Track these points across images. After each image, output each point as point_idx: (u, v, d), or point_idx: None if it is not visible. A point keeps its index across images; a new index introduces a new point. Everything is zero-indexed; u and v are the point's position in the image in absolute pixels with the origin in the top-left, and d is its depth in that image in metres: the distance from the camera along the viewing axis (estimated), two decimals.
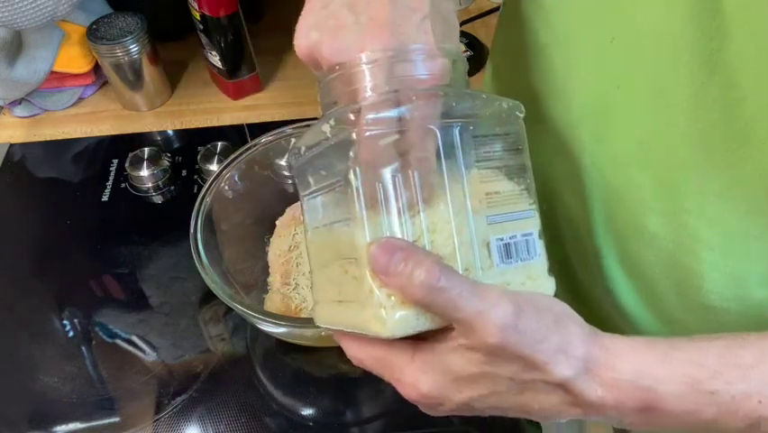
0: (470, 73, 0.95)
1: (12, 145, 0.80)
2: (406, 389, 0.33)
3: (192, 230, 0.54)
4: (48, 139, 0.81)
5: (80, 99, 0.86)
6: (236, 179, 0.60)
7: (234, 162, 0.60)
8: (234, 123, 0.82)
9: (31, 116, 0.84)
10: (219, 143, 0.75)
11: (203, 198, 0.57)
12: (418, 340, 0.33)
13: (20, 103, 0.83)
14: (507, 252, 0.33)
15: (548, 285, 0.35)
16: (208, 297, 0.63)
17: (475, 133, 0.33)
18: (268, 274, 0.62)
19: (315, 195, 0.35)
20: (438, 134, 0.32)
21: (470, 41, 0.88)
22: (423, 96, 0.31)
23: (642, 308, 0.45)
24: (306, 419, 0.57)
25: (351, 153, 0.31)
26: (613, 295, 0.46)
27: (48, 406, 0.58)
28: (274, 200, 0.64)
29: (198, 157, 0.74)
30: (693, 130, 0.35)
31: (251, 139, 0.64)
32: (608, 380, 0.31)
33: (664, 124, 0.37)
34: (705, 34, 0.32)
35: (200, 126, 0.82)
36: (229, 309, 0.61)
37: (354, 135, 0.31)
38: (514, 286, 0.33)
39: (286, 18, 1.01)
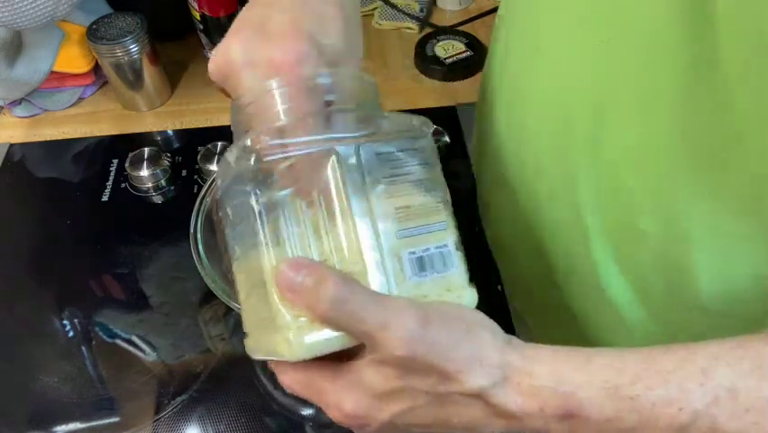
0: (470, 73, 0.94)
1: (12, 145, 0.80)
2: (332, 411, 0.33)
3: (192, 230, 0.54)
4: (48, 139, 0.81)
5: (80, 99, 0.86)
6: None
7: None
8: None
9: (31, 116, 0.84)
10: (219, 143, 0.75)
11: (203, 198, 0.57)
12: (340, 360, 0.32)
13: (20, 103, 0.83)
14: (421, 264, 0.33)
15: (469, 296, 0.35)
16: (208, 297, 0.63)
17: (379, 150, 0.34)
18: None
19: (233, 226, 0.36)
20: (339, 153, 0.32)
21: (470, 41, 0.88)
22: (315, 119, 0.33)
23: (636, 308, 0.45)
24: (306, 419, 0.57)
25: (251, 180, 0.31)
26: (607, 294, 0.46)
27: (48, 406, 0.58)
28: None
29: (198, 157, 0.74)
30: (684, 132, 0.35)
31: None
32: (526, 387, 0.31)
33: (655, 127, 0.37)
34: (695, 38, 0.32)
35: (200, 126, 0.82)
36: (229, 309, 0.61)
37: (252, 162, 0.31)
38: (431, 298, 0.33)
39: None
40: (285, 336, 0.31)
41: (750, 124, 0.32)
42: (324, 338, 0.31)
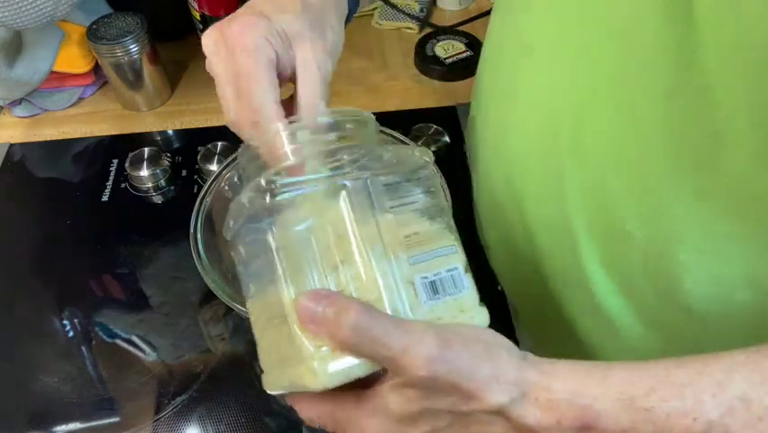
0: (470, 73, 0.94)
1: (12, 145, 0.80)
2: None
3: (192, 230, 0.54)
4: (48, 139, 0.81)
5: (80, 99, 0.86)
6: (236, 179, 0.60)
7: (234, 162, 0.60)
8: None
9: (31, 116, 0.84)
10: (219, 143, 0.75)
11: (203, 198, 0.57)
12: (362, 387, 0.33)
13: (20, 103, 0.83)
14: (434, 288, 0.34)
15: (481, 316, 0.36)
16: (208, 297, 0.63)
17: (386, 182, 0.35)
18: None
19: (247, 265, 0.37)
20: (350, 187, 0.34)
21: (470, 41, 0.89)
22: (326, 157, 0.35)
23: (624, 311, 0.45)
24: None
25: (267, 218, 0.33)
26: (595, 298, 0.46)
27: (48, 406, 0.58)
28: None
29: (198, 157, 0.74)
30: (668, 133, 0.35)
31: None
32: (544, 401, 0.31)
33: (639, 128, 0.37)
34: (676, 40, 0.32)
35: (200, 126, 0.82)
36: (229, 309, 0.61)
37: (267, 201, 0.33)
38: (445, 320, 0.34)
39: None
40: (309, 366, 0.32)
41: (731, 123, 0.32)
42: (347, 366, 0.32)
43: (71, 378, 0.59)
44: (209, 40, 0.42)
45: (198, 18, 0.77)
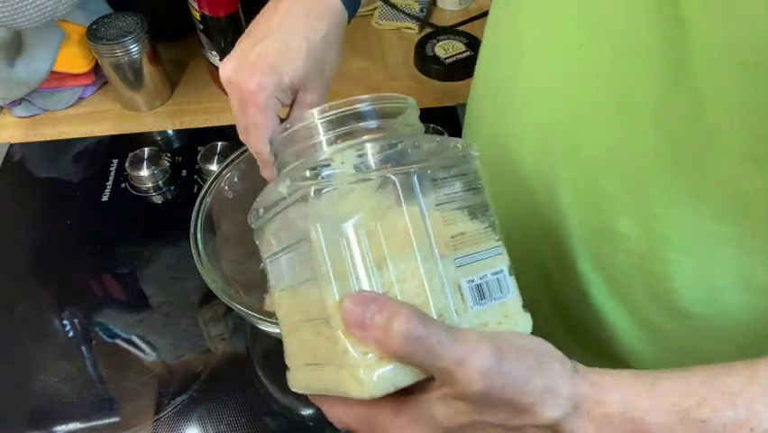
0: (470, 73, 0.94)
1: (12, 145, 0.80)
2: None
3: (192, 230, 0.54)
4: (48, 139, 0.81)
5: (80, 99, 0.86)
6: (236, 179, 0.60)
7: (234, 162, 0.60)
8: (234, 123, 0.82)
9: (31, 116, 0.84)
10: (219, 143, 0.75)
11: (203, 198, 0.57)
12: (401, 394, 0.32)
13: (20, 103, 0.83)
14: (480, 292, 0.33)
15: (525, 322, 0.34)
16: (208, 297, 0.63)
17: (433, 177, 0.33)
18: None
19: (278, 256, 0.35)
20: (397, 182, 0.31)
21: (470, 41, 0.89)
22: (375, 146, 0.32)
23: (617, 312, 0.45)
24: (306, 419, 0.57)
25: (310, 211, 0.30)
26: (589, 298, 0.46)
27: (48, 406, 0.58)
28: None
29: (198, 157, 0.74)
30: (659, 136, 0.35)
31: None
32: (597, 415, 0.30)
33: (632, 131, 0.37)
34: (668, 42, 0.32)
35: (200, 126, 0.82)
36: (229, 309, 0.61)
37: (312, 192, 0.30)
38: (491, 327, 0.32)
39: None
40: (354, 373, 0.30)
41: (722, 126, 0.32)
42: (394, 375, 0.30)
43: (71, 378, 0.59)
44: (228, 80, 0.45)
45: (198, 18, 0.77)
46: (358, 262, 0.30)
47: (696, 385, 0.31)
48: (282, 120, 0.43)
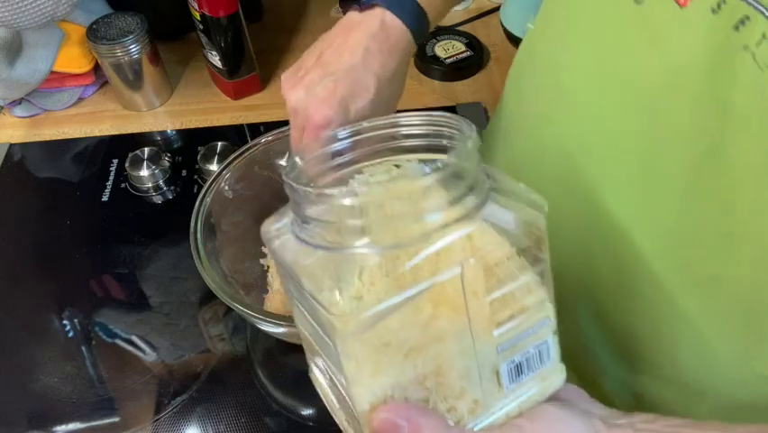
0: (471, 73, 0.94)
1: (12, 145, 0.80)
2: None
3: (192, 230, 0.54)
4: (48, 139, 0.81)
5: (80, 99, 0.86)
6: (236, 179, 0.60)
7: (234, 162, 0.60)
8: (234, 123, 0.82)
9: (31, 116, 0.84)
10: (219, 143, 0.75)
11: (203, 198, 0.57)
12: None
13: (20, 103, 0.83)
14: (519, 370, 0.30)
15: (558, 377, 0.32)
16: (208, 297, 0.63)
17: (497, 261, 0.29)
18: (268, 274, 0.62)
19: (302, 311, 0.32)
20: (464, 269, 0.27)
21: (470, 41, 0.88)
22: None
23: (614, 372, 0.45)
24: (306, 419, 0.57)
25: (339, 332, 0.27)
26: (584, 341, 0.46)
27: (48, 406, 0.58)
28: (274, 200, 0.63)
29: (198, 157, 0.74)
30: (680, 220, 0.35)
31: (251, 139, 0.64)
32: None
33: (653, 206, 0.36)
34: (708, 130, 0.31)
35: (200, 126, 0.82)
36: (229, 309, 0.61)
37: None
38: (524, 397, 0.31)
39: (286, 18, 1.02)
40: None
41: (747, 226, 0.32)
42: None
43: (71, 378, 0.59)
44: (294, 109, 0.45)
45: (198, 18, 0.77)
46: (391, 359, 0.28)
47: None
48: None
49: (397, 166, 0.33)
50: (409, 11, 0.46)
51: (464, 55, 0.87)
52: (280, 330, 0.52)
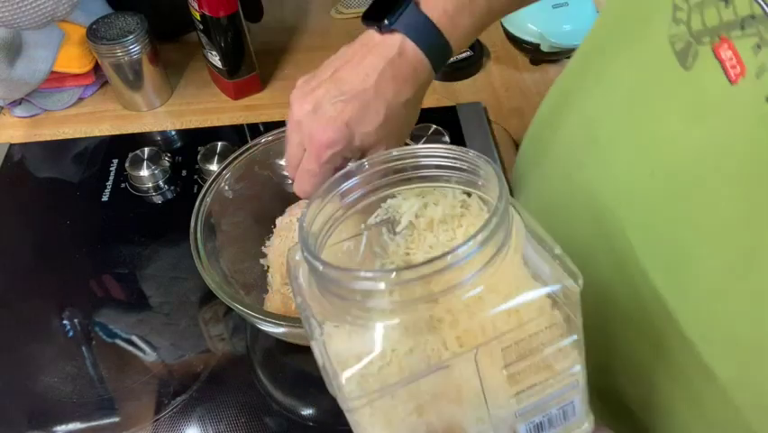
0: (470, 73, 0.94)
1: (12, 145, 0.80)
2: None
3: (192, 230, 0.54)
4: (48, 139, 0.81)
5: (80, 99, 0.86)
6: (236, 179, 0.60)
7: (234, 162, 0.60)
8: (234, 123, 0.82)
9: (31, 116, 0.84)
10: (219, 143, 0.75)
11: (203, 198, 0.57)
12: None
13: (20, 103, 0.83)
14: (540, 428, 0.29)
15: (585, 428, 0.31)
16: (208, 297, 0.63)
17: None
18: (268, 274, 0.62)
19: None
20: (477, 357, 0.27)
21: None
22: None
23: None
24: (306, 419, 0.57)
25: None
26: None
27: (48, 406, 0.58)
28: (274, 200, 0.64)
29: (198, 157, 0.74)
30: (703, 318, 0.33)
31: (251, 139, 0.64)
32: None
33: (676, 294, 0.35)
34: (748, 225, 0.29)
35: (200, 126, 0.82)
36: (229, 309, 0.61)
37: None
38: None
39: (286, 18, 1.01)
40: None
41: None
42: None
43: (71, 378, 0.59)
44: (299, 123, 0.45)
45: (198, 18, 0.77)
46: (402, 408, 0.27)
47: None
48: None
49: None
50: (430, 42, 0.44)
51: (464, 55, 0.87)
52: (280, 330, 0.52)
